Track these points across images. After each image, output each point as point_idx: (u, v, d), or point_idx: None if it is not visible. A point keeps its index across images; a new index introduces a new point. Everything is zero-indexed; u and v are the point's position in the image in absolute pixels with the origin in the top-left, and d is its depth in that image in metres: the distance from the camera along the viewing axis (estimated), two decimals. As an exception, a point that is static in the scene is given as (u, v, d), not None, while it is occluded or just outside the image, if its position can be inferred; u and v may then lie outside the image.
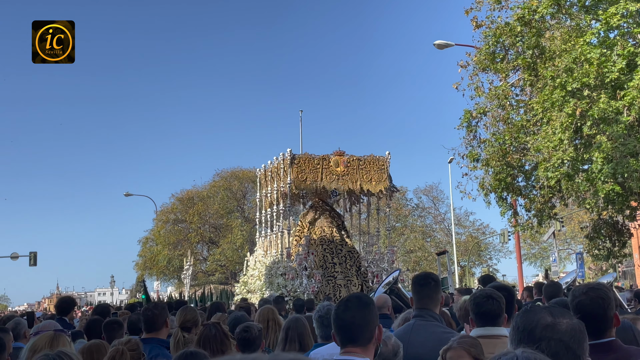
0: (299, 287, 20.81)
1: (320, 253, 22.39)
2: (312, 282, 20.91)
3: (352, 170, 22.94)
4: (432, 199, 54.58)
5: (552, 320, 2.22)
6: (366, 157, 23.44)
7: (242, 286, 24.34)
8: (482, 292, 4.38)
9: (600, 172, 15.39)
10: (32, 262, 44.19)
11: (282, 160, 22.96)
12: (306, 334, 5.42)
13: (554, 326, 2.21)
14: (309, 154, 22.97)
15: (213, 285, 43.46)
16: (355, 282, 22.24)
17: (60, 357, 3.13)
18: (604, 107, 15.20)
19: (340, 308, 3.15)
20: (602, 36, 16.83)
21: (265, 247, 25.12)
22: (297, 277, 21.18)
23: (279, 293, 19.02)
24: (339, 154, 23.08)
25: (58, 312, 8.84)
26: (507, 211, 19.67)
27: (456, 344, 3.71)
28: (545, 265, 52.83)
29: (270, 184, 24.14)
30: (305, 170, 22.36)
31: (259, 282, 22.74)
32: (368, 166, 23.20)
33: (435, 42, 25.42)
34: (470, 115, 19.45)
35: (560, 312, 2.26)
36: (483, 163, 18.91)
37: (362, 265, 23.06)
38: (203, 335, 4.88)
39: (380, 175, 23.24)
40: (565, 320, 2.23)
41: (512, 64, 18.98)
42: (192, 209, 50.99)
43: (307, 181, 22.33)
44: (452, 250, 45.91)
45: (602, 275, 38.30)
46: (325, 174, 22.56)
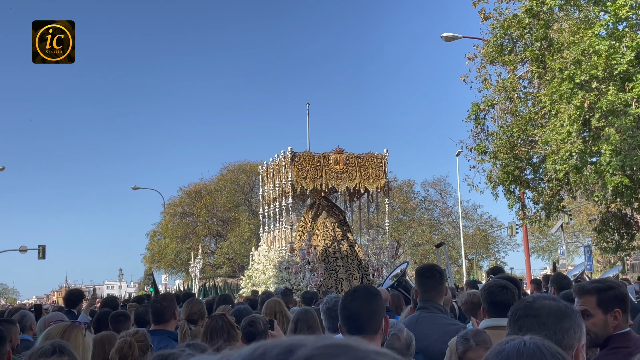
0: (302, 280, 21.25)
1: (322, 248, 22.85)
2: (314, 276, 21.36)
3: (351, 167, 23.39)
4: (440, 192, 54.45)
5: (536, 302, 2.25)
6: (365, 154, 23.81)
7: (247, 280, 24.76)
8: (496, 282, 4.38)
9: (609, 165, 15.33)
10: (41, 256, 44.39)
11: (283, 158, 23.40)
12: (315, 326, 5.43)
13: (532, 304, 2.24)
14: (309, 151, 23.43)
15: (220, 279, 43.60)
16: (356, 275, 22.71)
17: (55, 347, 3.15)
18: (613, 99, 15.13)
19: (348, 299, 3.16)
20: (610, 28, 16.75)
21: (269, 242, 25.56)
22: (300, 271, 21.67)
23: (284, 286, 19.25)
24: (338, 152, 23.49)
25: (66, 304, 8.89)
26: (515, 204, 19.64)
27: (475, 344, 3.67)
28: (553, 258, 52.72)
29: (272, 181, 24.62)
30: (305, 167, 22.85)
31: (263, 276, 23.17)
32: (366, 164, 23.62)
33: (443, 34, 25.35)
34: (478, 107, 19.41)
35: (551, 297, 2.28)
36: (491, 156, 18.87)
37: (363, 260, 23.46)
38: (210, 327, 4.90)
39: (377, 172, 23.69)
40: (547, 301, 2.24)
41: (520, 56, 18.91)
42: (200, 203, 51.06)
43: (307, 178, 22.83)
44: (459, 243, 45.87)
45: (610, 268, 38.20)
46: (325, 171, 23.05)
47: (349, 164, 23.36)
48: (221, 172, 54.27)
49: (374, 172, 23.63)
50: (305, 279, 21.29)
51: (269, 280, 22.37)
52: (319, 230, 23.63)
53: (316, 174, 22.93)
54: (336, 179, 23.09)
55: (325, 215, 24.09)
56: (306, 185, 22.93)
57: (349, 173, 23.28)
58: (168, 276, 53.53)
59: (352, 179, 23.28)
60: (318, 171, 22.98)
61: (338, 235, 23.57)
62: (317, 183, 22.95)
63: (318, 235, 23.37)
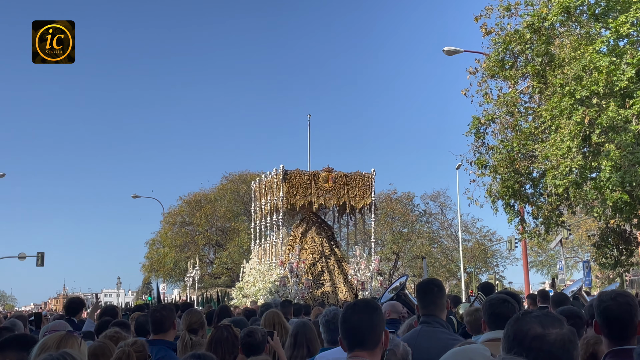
0: (289, 292, 22.04)
1: (310, 262, 24.00)
2: (302, 289, 22.36)
3: (339, 186, 24.67)
4: (440, 205, 54.44)
5: (542, 331, 2.21)
6: (353, 173, 25.11)
7: (238, 291, 25.77)
8: (498, 296, 4.44)
9: (609, 181, 15.34)
10: (40, 263, 44.38)
11: (275, 175, 24.63)
12: (314, 338, 5.44)
13: (543, 337, 2.20)
14: (300, 170, 24.66)
15: (219, 288, 43.52)
16: (342, 289, 23.80)
17: (63, 357, 3.15)
18: (613, 115, 15.17)
19: (348, 312, 3.17)
20: (611, 44, 16.81)
21: (259, 255, 26.62)
22: (288, 283, 22.62)
23: (273, 297, 20.15)
24: (327, 170, 24.79)
25: (67, 312, 8.83)
26: (515, 218, 19.64)
27: None
28: (552, 273, 52.65)
29: (264, 196, 25.72)
30: (295, 185, 24.13)
31: (253, 288, 24.15)
32: (354, 182, 24.91)
33: (445, 48, 25.48)
34: (479, 121, 19.44)
35: (551, 322, 2.24)
36: (491, 170, 18.89)
37: (349, 274, 24.52)
38: (215, 337, 4.92)
39: (364, 191, 25.00)
40: (555, 330, 2.21)
41: (521, 71, 18.97)
42: (200, 212, 51.03)
43: (297, 196, 24.09)
44: (458, 256, 45.82)
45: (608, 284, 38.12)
46: (314, 189, 24.30)
47: (338, 183, 24.63)
48: (221, 181, 54.34)
49: (361, 191, 24.95)
50: (293, 291, 22.13)
51: (258, 292, 23.32)
52: (307, 244, 24.71)
53: (306, 192, 24.21)
54: (325, 197, 24.37)
55: (314, 231, 25.17)
56: (296, 202, 24.11)
57: (337, 191, 24.56)
58: (166, 285, 53.42)
59: (340, 196, 24.56)
60: (308, 189, 24.24)
61: (326, 250, 24.74)
62: (306, 200, 24.15)
63: (307, 250, 24.48)
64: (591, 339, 4.25)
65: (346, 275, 24.37)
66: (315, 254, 24.39)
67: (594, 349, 4.19)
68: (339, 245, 26.49)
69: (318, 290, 23.24)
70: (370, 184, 25.11)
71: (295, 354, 5.34)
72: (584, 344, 4.28)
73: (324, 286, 23.63)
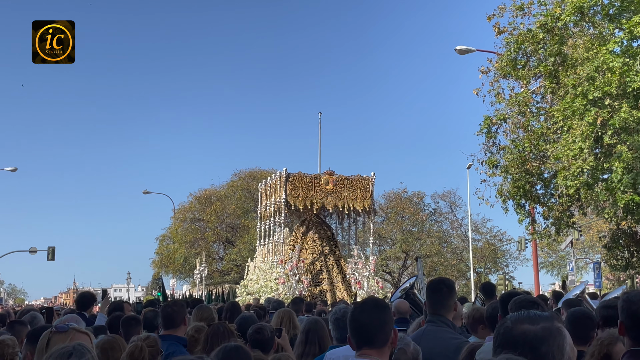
0: (289, 290, 22.84)
1: (309, 261, 24.94)
2: (300, 287, 23.22)
3: (340, 188, 25.62)
4: (450, 205, 54.22)
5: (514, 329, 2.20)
6: (353, 177, 26.04)
7: (243, 289, 26.51)
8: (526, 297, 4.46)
9: (620, 182, 15.28)
10: (50, 257, 44.54)
11: (278, 177, 25.58)
12: (325, 336, 5.45)
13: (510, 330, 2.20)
14: (302, 172, 25.60)
15: (228, 285, 43.60)
16: (340, 287, 24.71)
17: (77, 349, 3.17)
18: (626, 116, 15.09)
19: (357, 310, 3.18)
20: (625, 45, 16.73)
21: (263, 254, 27.49)
22: (288, 281, 23.41)
23: (272, 295, 20.94)
24: (329, 174, 25.79)
25: (78, 306, 8.81)
26: (525, 219, 19.58)
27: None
28: (563, 274, 52.38)
29: (269, 198, 26.69)
30: (298, 187, 25.06)
31: (256, 285, 24.90)
32: (354, 185, 25.85)
33: (457, 47, 25.41)
34: (490, 121, 19.38)
35: (537, 317, 2.22)
36: (502, 170, 18.84)
37: (347, 273, 25.33)
38: (211, 333, 4.97)
39: (365, 194, 25.89)
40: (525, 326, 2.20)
41: (533, 71, 18.89)
42: (210, 208, 51.05)
43: (299, 197, 25.02)
44: (468, 256, 45.67)
45: (619, 285, 37.92)
46: (316, 191, 25.28)
47: (339, 185, 25.59)
48: (232, 178, 54.34)
49: (361, 193, 25.85)
50: (292, 289, 22.93)
51: (261, 289, 24.06)
52: (308, 244, 25.72)
53: (308, 194, 25.18)
54: (326, 199, 25.31)
55: (314, 231, 26.14)
56: (298, 204, 24.99)
57: (338, 193, 25.50)
58: (176, 281, 53.58)
59: (340, 198, 25.49)
60: (309, 191, 25.22)
61: (325, 250, 25.78)
62: (308, 202, 25.10)
63: (307, 249, 25.50)
64: (605, 340, 4.25)
65: (344, 274, 25.19)
66: (315, 254, 25.31)
67: (608, 350, 4.19)
68: (338, 246, 27.34)
69: (316, 288, 24.15)
70: (370, 187, 26.02)
71: (307, 350, 5.36)
72: (597, 344, 4.28)
73: (322, 284, 24.52)
